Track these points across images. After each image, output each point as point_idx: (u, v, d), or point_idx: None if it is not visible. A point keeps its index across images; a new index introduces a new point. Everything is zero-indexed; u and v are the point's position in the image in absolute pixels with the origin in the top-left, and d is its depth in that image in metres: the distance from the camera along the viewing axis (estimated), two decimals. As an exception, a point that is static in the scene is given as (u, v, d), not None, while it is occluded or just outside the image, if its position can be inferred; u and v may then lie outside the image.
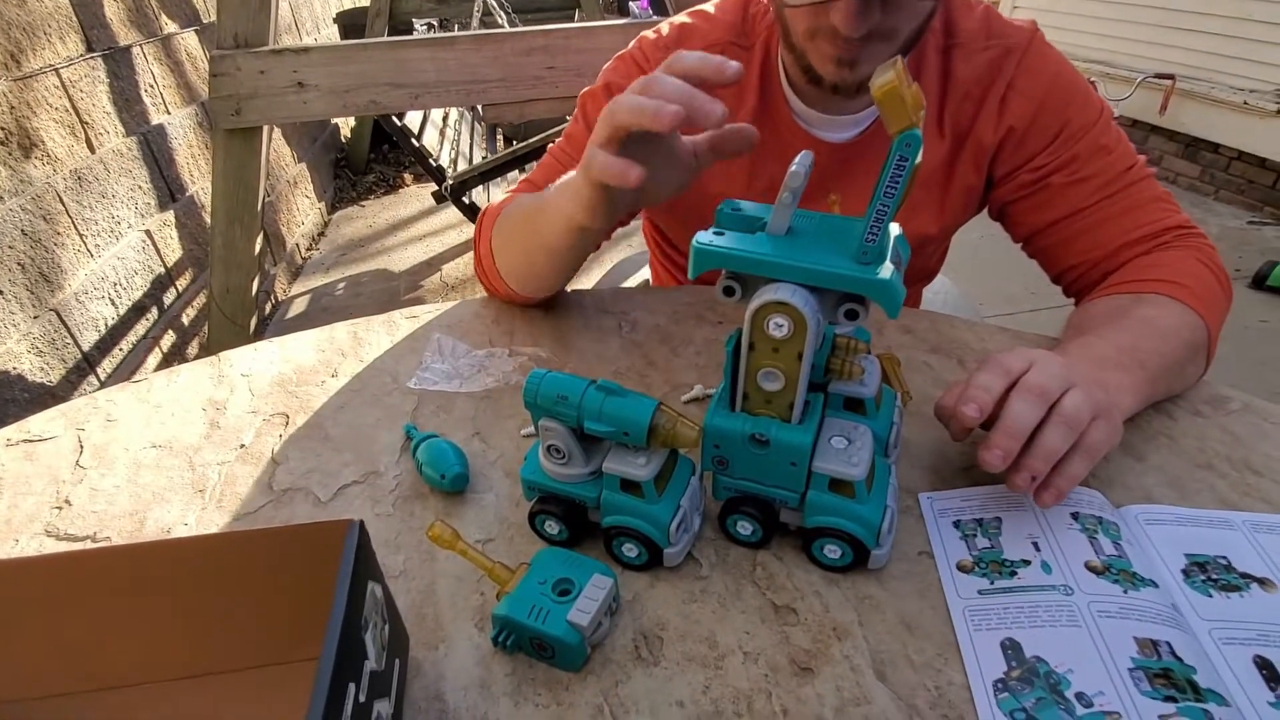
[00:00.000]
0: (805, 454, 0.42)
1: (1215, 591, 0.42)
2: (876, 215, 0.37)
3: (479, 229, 0.74)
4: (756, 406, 0.44)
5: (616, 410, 0.42)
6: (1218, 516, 0.47)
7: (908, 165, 0.35)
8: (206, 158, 2.24)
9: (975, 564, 0.45)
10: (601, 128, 0.48)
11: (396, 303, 2.70)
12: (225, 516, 0.51)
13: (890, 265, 0.38)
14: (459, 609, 0.44)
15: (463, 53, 1.52)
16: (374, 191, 3.81)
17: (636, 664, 0.40)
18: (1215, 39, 3.07)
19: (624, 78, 0.73)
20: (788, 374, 0.41)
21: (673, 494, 0.45)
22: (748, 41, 0.72)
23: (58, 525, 0.51)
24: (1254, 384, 2.03)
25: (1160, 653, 0.38)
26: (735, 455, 0.45)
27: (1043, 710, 0.36)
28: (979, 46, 0.69)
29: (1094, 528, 0.45)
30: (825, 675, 0.39)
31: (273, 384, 0.66)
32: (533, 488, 0.47)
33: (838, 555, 0.44)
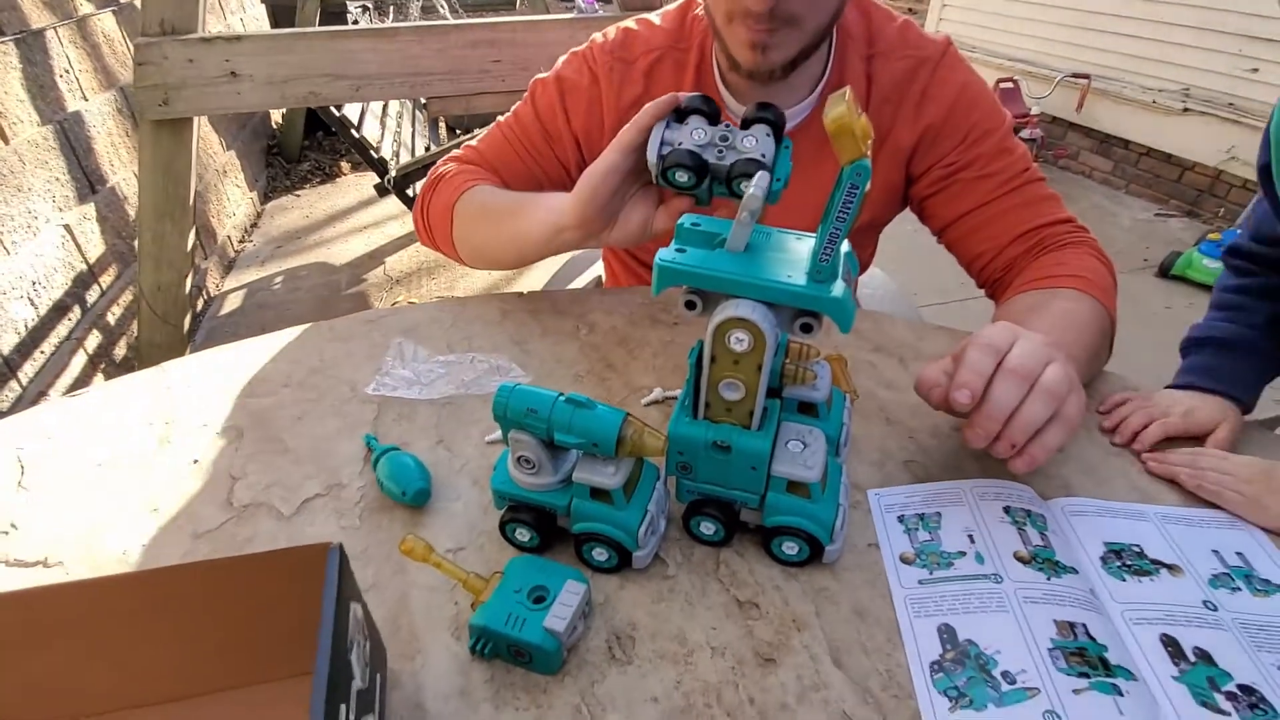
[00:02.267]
0: (765, 459, 0.45)
1: (1129, 576, 0.47)
2: (830, 238, 0.39)
3: (431, 192, 0.79)
4: (718, 414, 0.46)
5: (585, 423, 0.43)
6: (1133, 509, 0.52)
7: (858, 193, 0.37)
8: (128, 146, 2.12)
9: (916, 556, 0.48)
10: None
11: (338, 298, 2.62)
12: (183, 536, 0.51)
13: (842, 283, 0.41)
14: (433, 619, 0.45)
15: (405, 44, 1.48)
16: (309, 180, 3.67)
17: (610, 664, 0.42)
18: (1127, 40, 3.26)
19: (575, 72, 0.78)
20: (748, 384, 0.44)
21: (640, 499, 0.46)
22: (684, 45, 0.77)
23: (6, 550, 0.49)
24: (1159, 367, 2.20)
25: (1076, 633, 0.42)
26: (698, 460, 0.47)
27: (973, 688, 0.40)
28: (898, 56, 0.74)
29: (1023, 520, 0.50)
30: (787, 665, 0.42)
31: (223, 395, 0.65)
32: (503, 497, 0.48)
33: (795, 551, 0.47)
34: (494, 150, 0.81)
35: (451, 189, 0.76)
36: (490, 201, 0.74)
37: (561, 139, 0.79)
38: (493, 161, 0.81)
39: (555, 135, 0.79)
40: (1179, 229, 3.08)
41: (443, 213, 0.76)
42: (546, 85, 0.80)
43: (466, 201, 0.75)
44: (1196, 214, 3.14)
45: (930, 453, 0.58)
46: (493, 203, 0.74)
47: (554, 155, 0.80)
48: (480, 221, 0.74)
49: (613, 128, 0.76)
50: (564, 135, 0.79)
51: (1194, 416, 0.59)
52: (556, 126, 0.79)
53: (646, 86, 0.77)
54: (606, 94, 0.77)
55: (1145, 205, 3.30)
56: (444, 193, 0.77)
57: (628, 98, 0.76)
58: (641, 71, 0.77)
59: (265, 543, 0.50)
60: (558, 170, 0.81)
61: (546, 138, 0.79)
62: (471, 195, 0.75)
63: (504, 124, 0.82)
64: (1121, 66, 3.31)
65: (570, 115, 0.78)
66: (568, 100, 0.78)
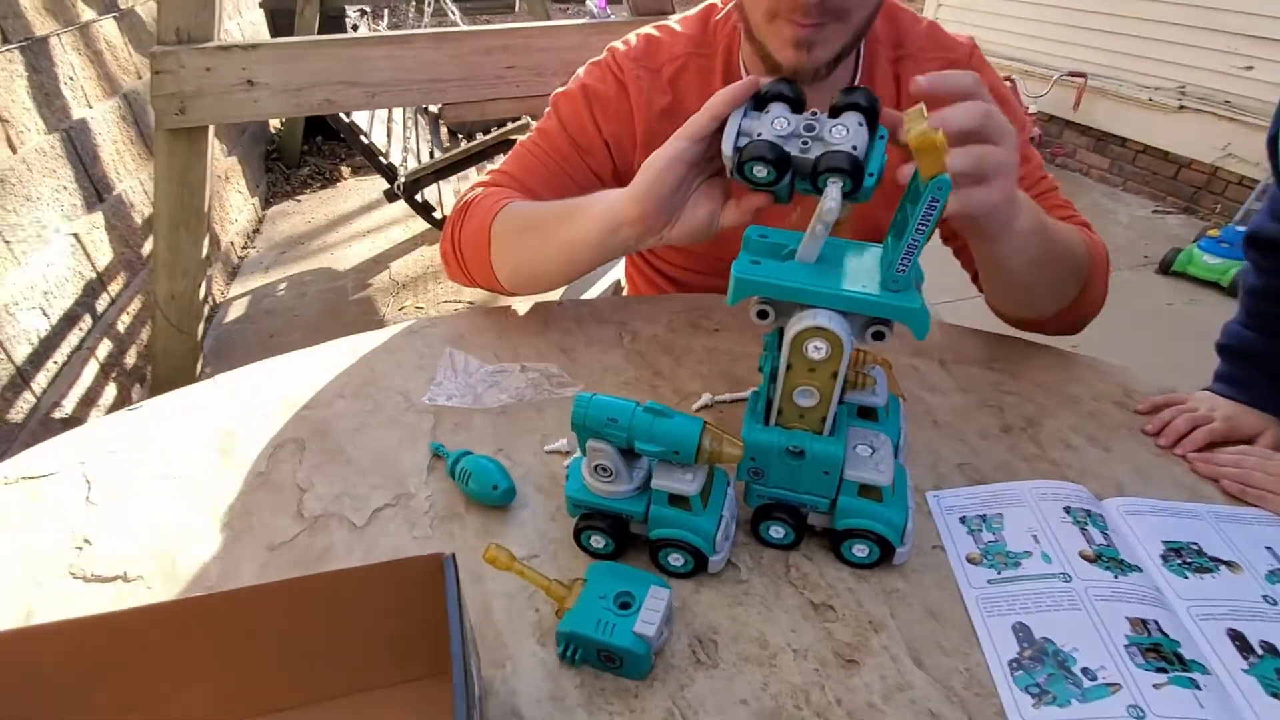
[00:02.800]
0: (839, 464, 0.46)
1: (1190, 574, 0.48)
2: (908, 249, 0.41)
3: (460, 220, 0.75)
4: (790, 420, 0.47)
5: (666, 431, 0.44)
6: (1186, 508, 0.53)
7: (939, 207, 0.39)
8: (133, 153, 2.11)
9: (983, 556, 0.50)
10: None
11: (345, 304, 2.61)
12: (258, 548, 0.51)
13: (917, 293, 0.42)
14: (517, 626, 0.46)
15: (421, 51, 1.48)
16: (310, 185, 3.65)
17: (696, 668, 0.43)
18: (1122, 39, 3.30)
19: (600, 82, 0.77)
20: (822, 391, 0.45)
21: (715, 505, 0.48)
22: (708, 50, 0.76)
23: (82, 566, 0.49)
24: (1162, 362, 2.23)
25: (1150, 630, 0.43)
26: (771, 466, 0.48)
27: (1054, 685, 0.41)
28: (928, 58, 0.74)
29: (1084, 520, 0.51)
30: (869, 666, 0.43)
31: (279, 408, 0.65)
32: (578, 504, 0.49)
33: (865, 554, 0.48)
34: (522, 169, 0.78)
35: (484, 211, 0.72)
36: (532, 213, 0.71)
37: (593, 149, 0.77)
38: (523, 180, 0.77)
39: (586, 146, 0.77)
40: (1176, 225, 3.11)
41: (478, 236, 0.72)
42: (571, 96, 0.78)
43: (505, 219, 0.71)
44: (1194, 210, 3.18)
45: (981, 454, 0.60)
46: (535, 213, 0.71)
47: (586, 166, 0.78)
48: (523, 235, 0.70)
49: (644, 137, 0.76)
50: (595, 145, 0.77)
51: (1235, 423, 0.60)
52: (587, 137, 0.77)
53: (675, 95, 0.76)
54: (636, 102, 0.75)
55: (1143, 202, 3.34)
56: (476, 216, 0.73)
57: (657, 106, 0.75)
58: (667, 79, 0.76)
59: (341, 553, 0.51)
60: (592, 182, 0.78)
61: (577, 149, 0.77)
62: (509, 212, 0.71)
63: (529, 143, 0.79)
64: (1117, 65, 3.35)
65: (600, 124, 0.76)
66: (595, 109, 0.76)
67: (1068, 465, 0.59)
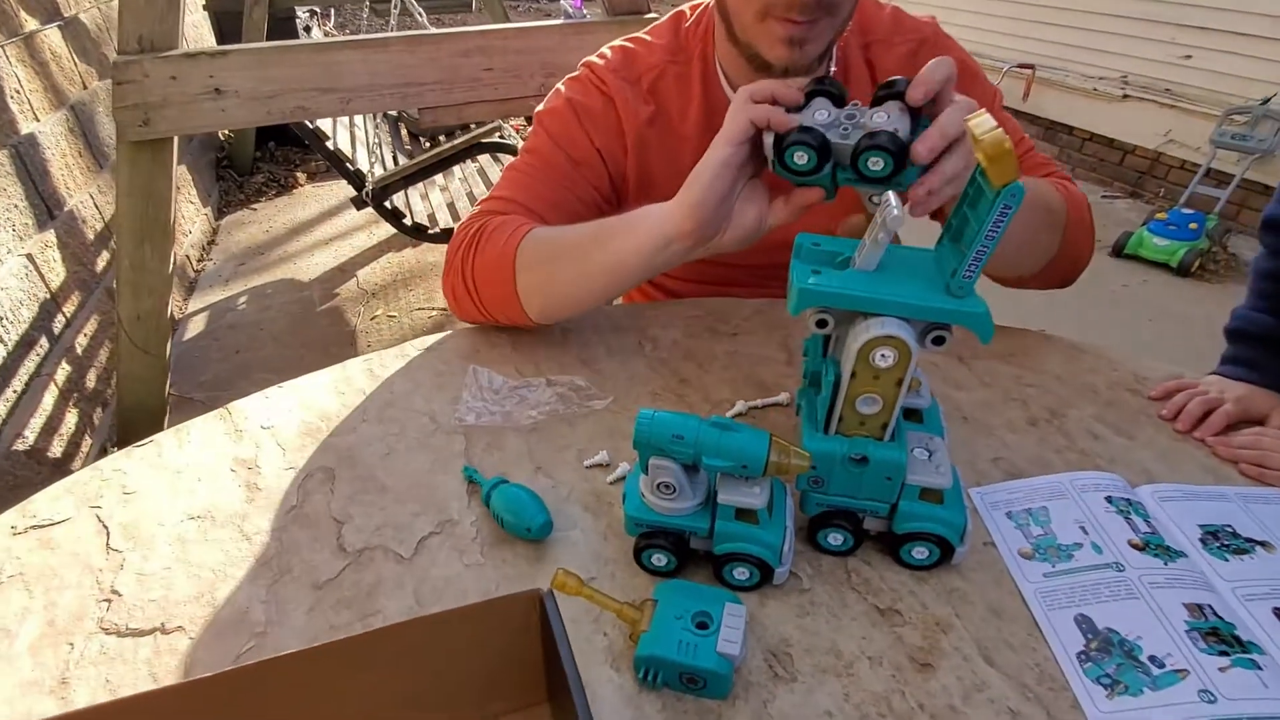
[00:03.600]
0: (902, 469, 0.46)
1: (1230, 556, 0.50)
2: (975, 256, 0.41)
3: (471, 251, 0.70)
4: (850, 428, 0.47)
5: (735, 445, 0.44)
6: (1215, 491, 0.55)
7: (1010, 214, 0.39)
8: (82, 166, 2.00)
9: (1035, 551, 0.51)
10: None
11: (313, 315, 2.53)
12: (303, 587, 0.49)
13: (979, 297, 0.43)
14: (589, 652, 0.45)
15: (396, 54, 1.44)
16: (265, 193, 3.53)
17: (776, 682, 0.43)
18: (1068, 31, 3.42)
19: (586, 95, 0.75)
20: (886, 398, 0.45)
21: (779, 516, 0.47)
22: (684, 57, 0.76)
23: (114, 620, 0.47)
24: (1119, 342, 2.33)
25: (1205, 614, 0.45)
26: (833, 474, 0.48)
27: (1125, 674, 0.42)
28: (897, 40, 0.76)
29: (1126, 509, 0.52)
30: (944, 668, 0.44)
31: (301, 435, 0.63)
32: (639, 523, 0.48)
33: (925, 556, 0.49)
34: (523, 191, 0.74)
35: (503, 241, 0.68)
36: (564, 238, 0.67)
37: (589, 162, 0.75)
38: (525, 202, 0.73)
39: (582, 159, 0.75)
40: (1125, 210, 3.25)
41: (499, 268, 0.68)
42: (557, 113, 0.76)
43: (531, 247, 0.67)
44: (1139, 195, 3.33)
45: (1013, 448, 0.61)
46: (568, 239, 0.67)
47: (586, 180, 0.76)
48: (558, 262, 0.67)
49: (634, 147, 0.75)
50: (591, 158, 0.75)
51: (1247, 404, 0.63)
52: (582, 151, 0.75)
53: (657, 104, 0.75)
54: (623, 113, 0.75)
55: (1091, 188, 3.48)
56: (494, 246, 0.69)
57: (643, 116, 0.75)
58: (647, 89, 0.75)
59: (391, 588, 0.49)
60: (592, 196, 0.77)
61: (573, 163, 0.75)
62: (535, 239, 0.67)
63: (521, 164, 0.76)
64: (1064, 56, 3.48)
65: (592, 136, 0.75)
66: (585, 122, 0.74)
67: (1097, 455, 0.60)
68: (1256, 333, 0.70)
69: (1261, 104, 2.77)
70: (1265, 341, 0.69)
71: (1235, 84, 2.88)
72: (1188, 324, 2.38)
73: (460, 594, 0.48)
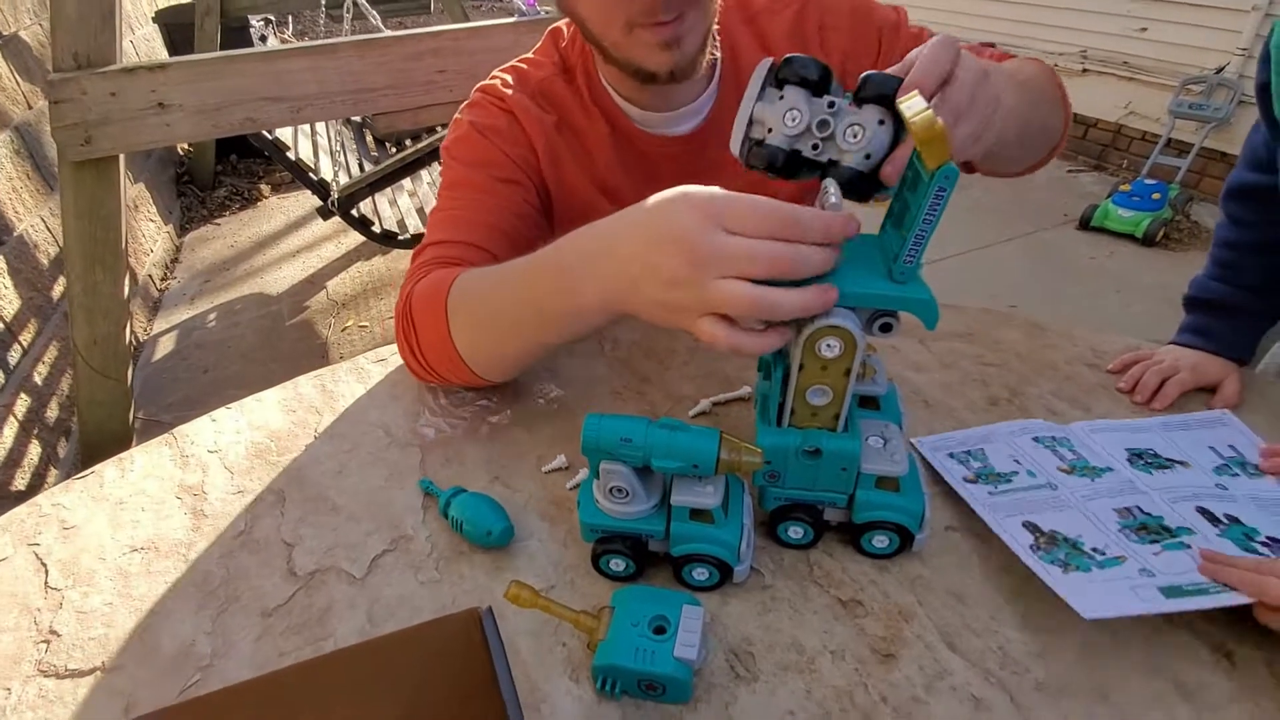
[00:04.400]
0: (857, 459, 0.46)
1: (1154, 470, 0.54)
2: (915, 240, 0.40)
3: (408, 322, 0.62)
4: (802, 420, 0.47)
5: (684, 445, 0.43)
6: (1140, 424, 0.60)
7: (945, 195, 0.38)
8: (30, 189, 1.95)
9: (977, 477, 0.54)
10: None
11: (283, 329, 2.49)
12: (251, 616, 0.47)
13: (923, 282, 0.42)
14: (547, 664, 0.44)
15: (346, 60, 1.40)
16: (228, 207, 3.46)
17: (737, 683, 0.42)
18: (1026, 8, 3.45)
19: (489, 117, 0.71)
20: (835, 389, 0.44)
21: (735, 514, 0.47)
22: (569, 69, 0.73)
23: (53, 662, 0.45)
24: (1089, 313, 2.35)
25: (1134, 514, 0.50)
26: (788, 468, 0.47)
27: (1073, 559, 0.46)
28: (779, 7, 0.73)
29: (1051, 444, 0.57)
30: (906, 658, 0.43)
31: (250, 457, 0.61)
32: (595, 529, 0.47)
33: (886, 544, 0.48)
34: (456, 229, 0.67)
35: (432, 293, 0.60)
36: (490, 291, 0.58)
37: (513, 177, 0.70)
38: (465, 239, 0.66)
39: (506, 176, 0.70)
40: (1090, 183, 3.29)
41: (434, 328, 0.60)
42: (466, 140, 0.71)
43: (464, 304, 0.58)
44: (1103, 167, 3.37)
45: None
46: (493, 291, 0.57)
47: (516, 195, 0.70)
48: (493, 319, 0.58)
49: (546, 156, 0.71)
50: (513, 172, 0.70)
51: (1200, 371, 0.64)
52: (502, 167, 0.70)
53: (558, 113, 0.72)
54: (529, 125, 0.71)
55: (1057, 163, 3.51)
56: (427, 303, 0.60)
57: (548, 124, 0.71)
58: (545, 99, 0.72)
59: (344, 610, 0.47)
60: (527, 209, 0.71)
61: (499, 181, 0.69)
62: (465, 292, 0.58)
63: (445, 204, 0.70)
64: (1024, 33, 3.50)
65: (507, 151, 0.70)
66: (496, 141, 0.70)
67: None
68: (1210, 299, 0.70)
69: (1216, 73, 2.81)
70: (1219, 308, 0.69)
71: (1190, 54, 2.92)
72: (1154, 293, 2.42)
73: (414, 613, 0.47)
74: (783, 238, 0.41)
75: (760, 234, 0.41)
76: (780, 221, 0.41)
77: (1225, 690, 0.41)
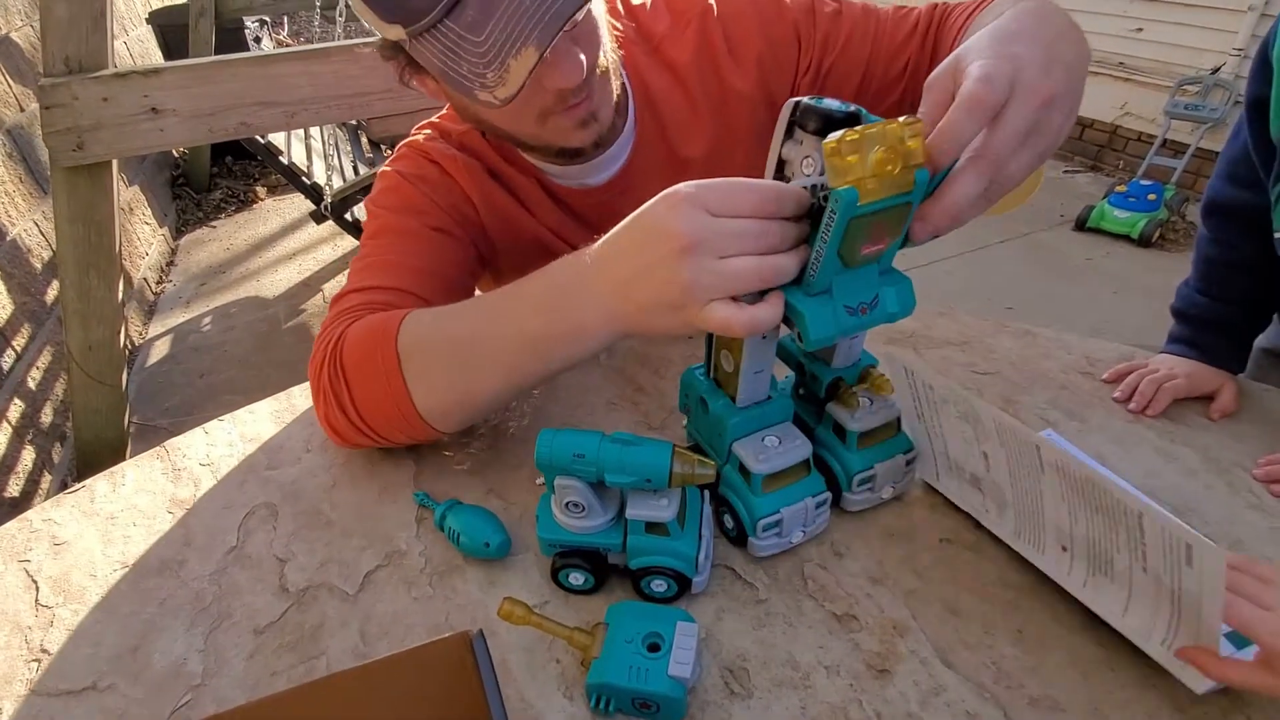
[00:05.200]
0: (727, 430, 0.49)
1: None
2: (815, 256, 0.40)
3: (344, 365, 0.54)
4: (721, 380, 0.51)
5: (636, 460, 0.43)
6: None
7: (835, 217, 0.36)
8: (23, 193, 1.94)
9: None
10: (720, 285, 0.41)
11: (279, 333, 2.48)
12: (243, 633, 0.47)
13: (822, 301, 0.41)
14: (540, 681, 0.44)
15: (340, 65, 1.40)
16: (224, 210, 3.45)
17: (731, 700, 0.42)
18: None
19: (417, 168, 0.67)
20: (736, 361, 0.47)
21: (692, 525, 0.47)
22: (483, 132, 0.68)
23: (45, 682, 0.44)
24: (1086, 314, 2.36)
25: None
26: (694, 408, 0.54)
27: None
28: (678, 31, 0.70)
29: None
30: (901, 673, 0.43)
31: (242, 471, 0.60)
32: (553, 544, 0.47)
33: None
34: (382, 274, 0.60)
35: (374, 336, 0.53)
36: (464, 311, 0.53)
37: (445, 226, 0.65)
38: (392, 284, 0.60)
39: (438, 225, 0.65)
40: (1086, 184, 3.29)
41: (377, 373, 0.53)
42: (391, 189, 0.66)
43: (415, 336, 0.52)
44: (1099, 168, 3.37)
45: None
46: (470, 309, 0.53)
47: (449, 246, 0.65)
48: (464, 364, 0.52)
49: (483, 204, 0.67)
50: (445, 221, 0.65)
51: (1195, 380, 0.64)
52: (433, 215, 0.65)
53: (482, 161, 0.68)
54: (460, 177, 0.67)
55: (1053, 164, 3.51)
56: (369, 349, 0.53)
57: (478, 171, 0.67)
58: (468, 149, 0.68)
59: (336, 627, 0.47)
60: (464, 259, 0.66)
61: (430, 229, 0.64)
62: (417, 324, 0.53)
63: (369, 251, 0.63)
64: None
65: (437, 200, 0.65)
66: (426, 190, 0.65)
67: (1051, 441, 0.60)
68: (1196, 315, 0.70)
69: (1212, 73, 2.82)
70: (1204, 323, 0.69)
71: (1186, 55, 2.92)
72: (1150, 294, 2.42)
73: (407, 630, 0.47)
74: (764, 214, 0.40)
75: (745, 213, 0.40)
76: (761, 198, 0.40)
77: (1220, 705, 0.41)
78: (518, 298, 0.50)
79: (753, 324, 0.41)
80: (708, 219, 0.40)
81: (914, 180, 0.37)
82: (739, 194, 0.40)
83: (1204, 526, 0.51)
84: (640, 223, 0.43)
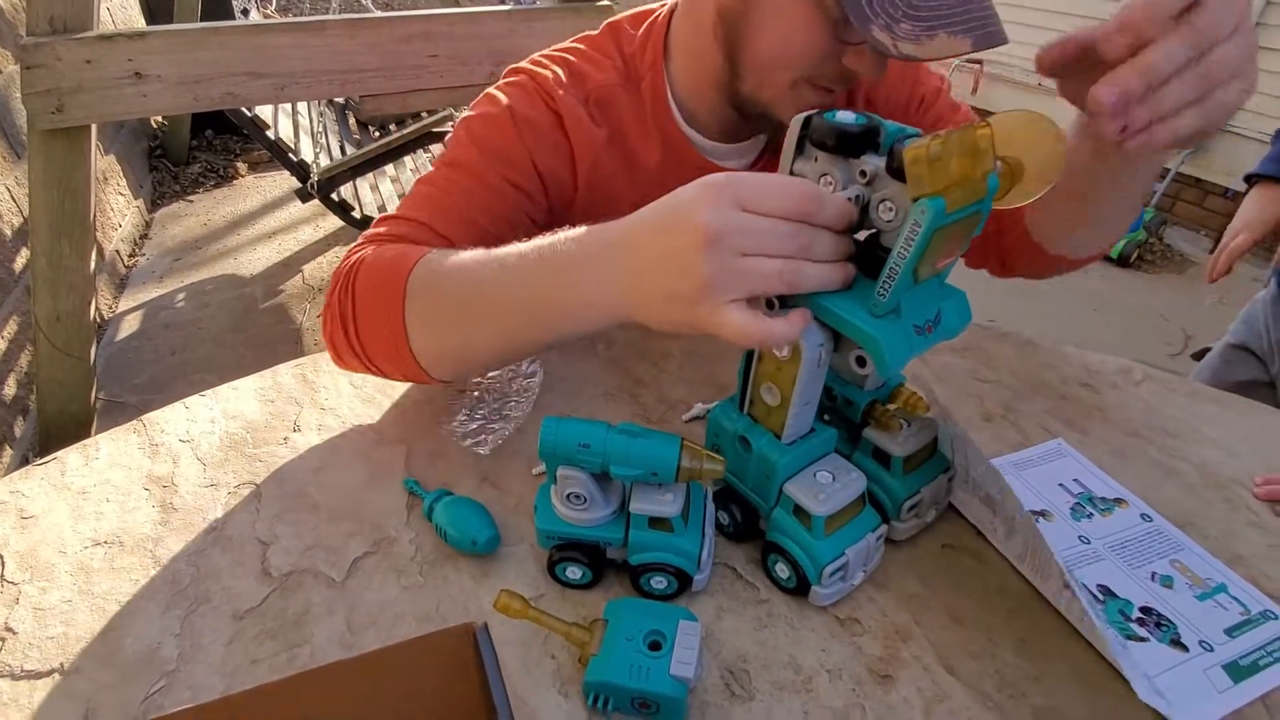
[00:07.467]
0: (777, 471, 0.45)
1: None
2: (888, 274, 0.37)
3: (349, 288, 0.55)
4: (759, 415, 0.46)
5: (644, 453, 0.42)
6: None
7: (921, 230, 0.35)
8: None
9: None
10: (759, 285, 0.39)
11: (256, 312, 2.42)
12: (222, 618, 0.45)
13: (891, 321, 0.38)
14: (536, 677, 0.42)
15: (334, 39, 1.36)
16: (202, 184, 3.36)
17: (732, 701, 0.41)
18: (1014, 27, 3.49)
19: (531, 109, 0.64)
20: (784, 393, 0.43)
21: (695, 523, 0.46)
22: (634, 82, 0.67)
23: (8, 662, 0.42)
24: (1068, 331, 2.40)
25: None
26: (727, 449, 0.48)
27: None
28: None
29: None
30: (904, 679, 0.42)
31: (224, 448, 0.58)
32: (551, 536, 0.46)
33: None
34: (432, 210, 0.60)
35: (391, 265, 0.53)
36: (476, 262, 0.50)
37: (527, 184, 0.63)
38: (431, 224, 0.59)
39: (519, 181, 0.63)
40: (1068, 202, 3.35)
41: (383, 297, 0.52)
42: (495, 120, 0.63)
43: (425, 276, 0.51)
44: (1082, 187, 3.43)
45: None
46: (483, 261, 0.50)
47: (518, 203, 0.63)
48: (463, 301, 0.50)
49: (587, 177, 0.66)
50: (530, 179, 0.64)
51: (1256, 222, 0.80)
52: (520, 168, 0.63)
53: (610, 127, 0.67)
54: (575, 137, 0.65)
55: (1037, 180, 3.57)
56: (382, 276, 0.53)
57: (598, 140, 0.66)
58: (601, 110, 0.66)
59: (321, 614, 0.45)
60: (523, 220, 0.64)
61: (507, 183, 0.62)
62: (430, 264, 0.52)
63: (437, 178, 0.62)
64: (1010, 51, 3.54)
65: (534, 154, 0.63)
66: (529, 138, 0.63)
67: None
68: None
69: (1194, 100, 2.88)
70: None
71: (1170, 81, 2.98)
72: (1128, 313, 2.47)
73: (395, 619, 0.45)
74: (799, 216, 0.38)
75: (778, 212, 0.38)
76: (798, 199, 0.38)
77: (1219, 720, 0.41)
78: (526, 261, 0.47)
79: (768, 336, 0.38)
80: (735, 212, 0.38)
81: (988, 187, 0.36)
82: (774, 190, 0.38)
83: (1203, 542, 0.51)
84: (668, 206, 0.41)
